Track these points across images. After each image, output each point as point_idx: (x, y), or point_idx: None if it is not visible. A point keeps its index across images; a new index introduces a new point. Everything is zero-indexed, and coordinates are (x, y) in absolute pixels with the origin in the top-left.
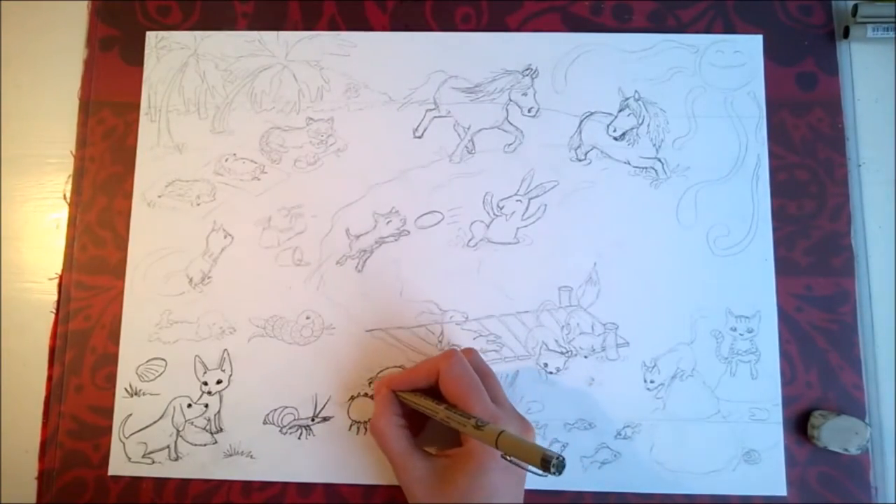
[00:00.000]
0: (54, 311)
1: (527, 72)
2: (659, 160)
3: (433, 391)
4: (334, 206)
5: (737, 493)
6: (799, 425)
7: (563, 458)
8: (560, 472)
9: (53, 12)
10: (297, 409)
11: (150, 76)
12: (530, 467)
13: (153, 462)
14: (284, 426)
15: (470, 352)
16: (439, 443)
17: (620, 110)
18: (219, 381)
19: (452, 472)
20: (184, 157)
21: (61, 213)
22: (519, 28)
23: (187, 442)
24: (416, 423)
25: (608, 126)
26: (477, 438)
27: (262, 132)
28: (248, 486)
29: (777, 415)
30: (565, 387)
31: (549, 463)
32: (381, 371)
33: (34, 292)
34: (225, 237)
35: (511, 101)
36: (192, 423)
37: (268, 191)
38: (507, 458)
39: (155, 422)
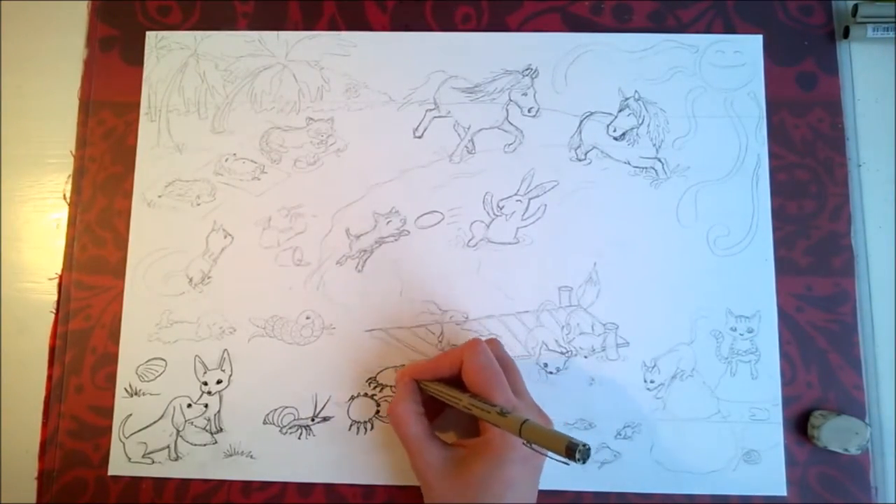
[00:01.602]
0: (54, 311)
1: (527, 72)
2: (659, 160)
3: (454, 381)
4: (334, 206)
5: (737, 493)
6: (799, 425)
7: (589, 447)
8: (585, 461)
9: (53, 12)
10: (297, 409)
11: (150, 76)
12: (554, 455)
13: (153, 462)
14: (284, 426)
15: (493, 342)
16: (455, 432)
17: (620, 110)
18: (219, 381)
19: (469, 462)
20: (184, 157)
21: (61, 213)
22: (519, 28)
23: (187, 442)
24: (431, 412)
25: (608, 126)
26: (500, 426)
27: (262, 132)
28: (248, 486)
29: (777, 415)
30: (565, 387)
31: (575, 450)
32: (380, 371)
33: (34, 292)
34: (225, 237)
35: (511, 101)
36: (192, 423)
37: (268, 191)
38: (530, 445)
39: (155, 422)
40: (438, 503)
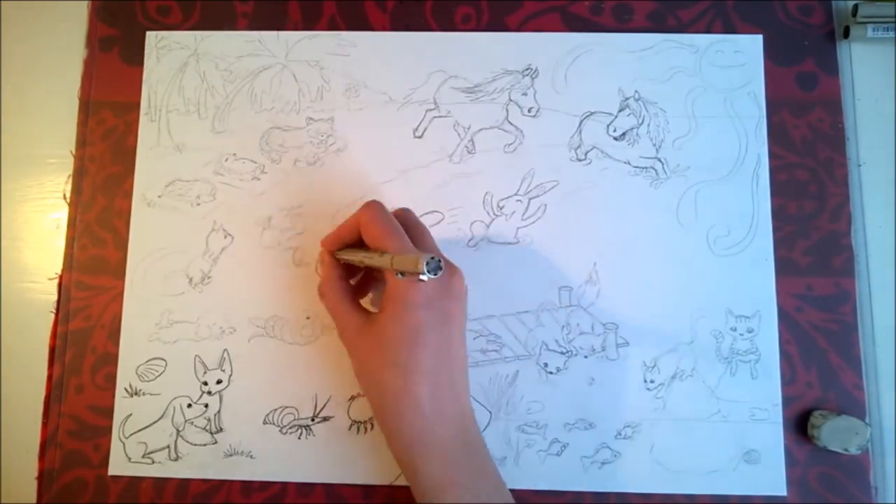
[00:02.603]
0: (54, 311)
1: (527, 72)
2: (659, 160)
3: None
4: (334, 206)
5: (737, 493)
6: (799, 425)
7: (439, 260)
8: (436, 273)
9: (53, 12)
10: (297, 409)
11: (150, 76)
12: (422, 277)
13: (153, 462)
14: (284, 426)
15: (405, 210)
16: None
17: (620, 110)
18: (219, 381)
19: (379, 318)
20: (184, 157)
21: (61, 213)
22: (519, 28)
23: (187, 442)
24: (364, 289)
25: (608, 126)
26: (384, 268)
27: (262, 132)
28: (248, 486)
29: (777, 415)
30: (565, 387)
31: (429, 265)
32: None
33: (34, 292)
34: (225, 237)
35: (511, 101)
36: (192, 423)
37: (268, 191)
38: (401, 273)
39: (155, 422)
40: (359, 366)
